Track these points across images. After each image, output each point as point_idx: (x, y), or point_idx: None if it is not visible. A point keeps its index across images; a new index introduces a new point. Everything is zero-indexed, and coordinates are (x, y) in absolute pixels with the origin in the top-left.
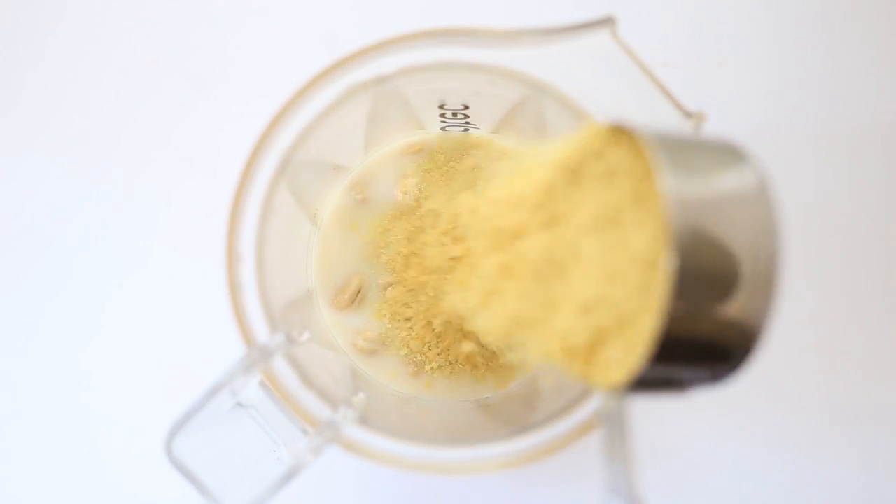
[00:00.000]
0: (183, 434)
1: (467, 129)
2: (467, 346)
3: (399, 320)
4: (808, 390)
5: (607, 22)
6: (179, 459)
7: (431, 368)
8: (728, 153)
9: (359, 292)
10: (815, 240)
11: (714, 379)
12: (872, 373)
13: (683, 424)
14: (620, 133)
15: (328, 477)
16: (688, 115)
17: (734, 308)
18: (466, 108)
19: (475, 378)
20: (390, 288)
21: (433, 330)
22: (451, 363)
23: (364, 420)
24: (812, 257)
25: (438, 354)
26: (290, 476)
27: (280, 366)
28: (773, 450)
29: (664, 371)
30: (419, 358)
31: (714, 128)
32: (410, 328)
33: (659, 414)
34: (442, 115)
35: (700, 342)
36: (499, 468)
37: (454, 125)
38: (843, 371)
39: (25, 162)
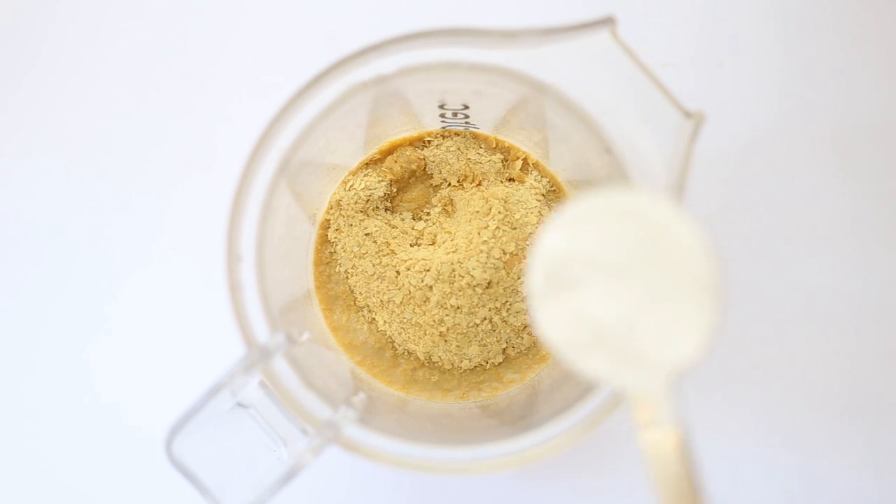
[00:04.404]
0: (183, 434)
1: (467, 129)
2: (473, 350)
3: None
4: (822, 389)
5: (607, 22)
6: (179, 459)
7: (434, 369)
8: None
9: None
10: (818, 240)
11: None
12: (887, 372)
13: (694, 423)
14: None
15: (326, 476)
16: (688, 115)
17: None
18: (466, 108)
19: (476, 379)
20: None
21: (439, 333)
22: (455, 365)
23: (364, 420)
24: (816, 257)
25: (442, 356)
26: (289, 476)
27: (280, 366)
28: (785, 449)
29: None
30: (422, 359)
31: (714, 128)
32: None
33: None
34: (442, 116)
35: None
36: (499, 468)
37: (454, 125)
38: (857, 370)
39: (24, 162)
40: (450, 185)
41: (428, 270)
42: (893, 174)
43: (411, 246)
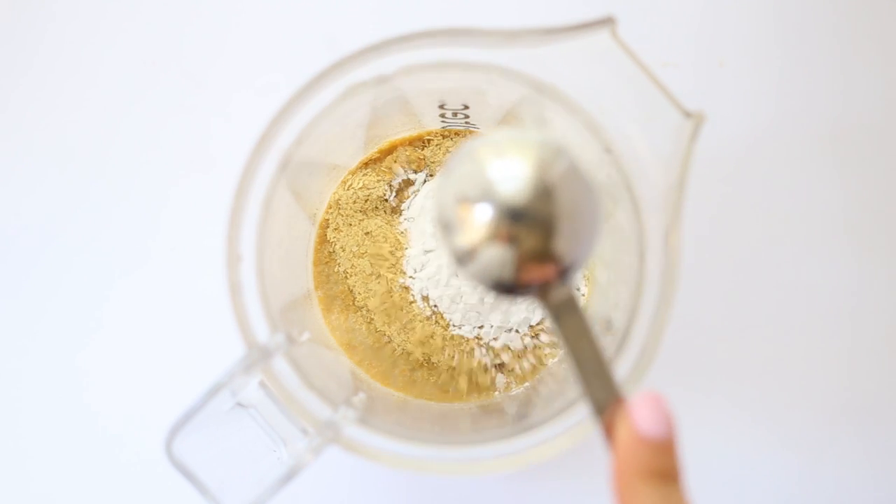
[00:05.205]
0: (183, 434)
1: (467, 129)
2: (477, 353)
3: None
4: (821, 389)
5: (607, 22)
6: (179, 459)
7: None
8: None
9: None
10: (818, 240)
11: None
12: (886, 372)
13: (694, 423)
14: None
15: (327, 477)
16: (688, 114)
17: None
18: (466, 107)
19: (476, 382)
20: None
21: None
22: (453, 366)
23: (364, 420)
24: (816, 257)
25: (441, 357)
26: (289, 476)
27: (280, 366)
28: (785, 448)
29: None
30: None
31: (714, 128)
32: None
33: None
34: (442, 115)
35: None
36: (499, 468)
37: (454, 125)
38: (856, 370)
39: (23, 162)
40: None
41: None
42: (893, 174)
43: None
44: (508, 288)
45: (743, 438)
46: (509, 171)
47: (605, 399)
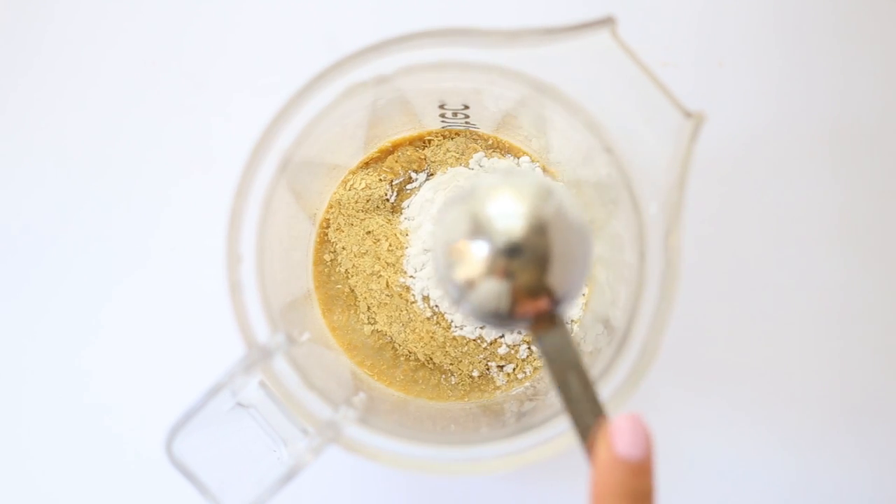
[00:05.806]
0: (183, 434)
1: (468, 129)
2: (478, 354)
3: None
4: (820, 390)
5: (607, 22)
6: (179, 459)
7: (432, 370)
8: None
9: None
10: (817, 240)
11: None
12: (884, 372)
13: (693, 423)
14: None
15: (327, 476)
16: (688, 115)
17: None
18: (467, 107)
19: (476, 381)
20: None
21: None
22: (453, 366)
23: (364, 420)
24: (815, 257)
25: (442, 357)
26: (290, 476)
27: (280, 366)
28: (784, 448)
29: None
30: (420, 360)
31: (714, 128)
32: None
33: (668, 414)
34: (442, 115)
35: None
36: (499, 468)
37: (454, 125)
38: (855, 370)
39: (23, 162)
40: None
41: None
42: (892, 174)
43: None
44: (503, 320)
45: (742, 438)
46: (505, 211)
47: (590, 422)
